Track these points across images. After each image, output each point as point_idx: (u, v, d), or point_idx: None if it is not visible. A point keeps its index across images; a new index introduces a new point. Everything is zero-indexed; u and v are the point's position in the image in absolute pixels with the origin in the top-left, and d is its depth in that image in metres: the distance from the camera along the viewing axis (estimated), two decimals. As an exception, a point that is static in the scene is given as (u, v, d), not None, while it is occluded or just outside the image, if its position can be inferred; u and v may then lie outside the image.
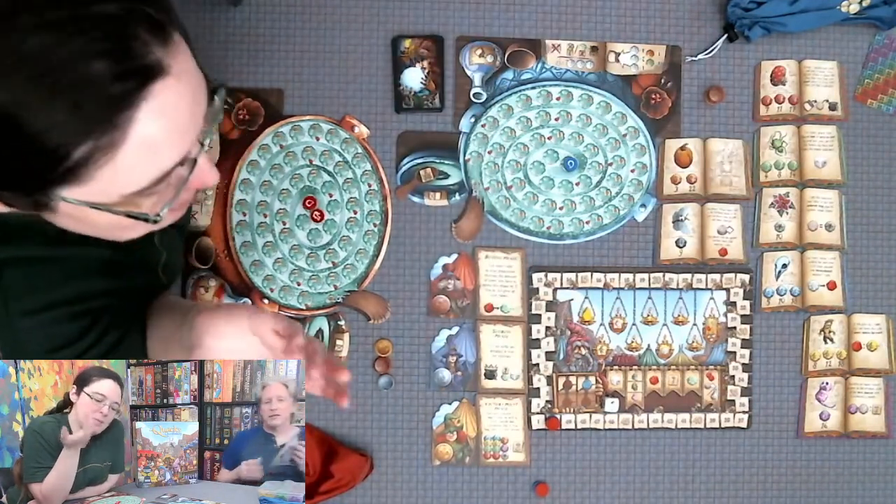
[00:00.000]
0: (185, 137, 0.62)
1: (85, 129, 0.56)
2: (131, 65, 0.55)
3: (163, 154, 0.61)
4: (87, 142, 0.56)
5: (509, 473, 1.27)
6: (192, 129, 0.62)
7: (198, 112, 0.62)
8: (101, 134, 0.56)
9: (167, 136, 0.60)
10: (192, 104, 0.61)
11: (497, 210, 1.27)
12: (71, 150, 0.56)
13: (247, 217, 1.23)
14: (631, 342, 1.28)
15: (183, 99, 0.60)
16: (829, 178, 1.31)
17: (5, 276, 0.75)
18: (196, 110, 0.62)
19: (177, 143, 0.61)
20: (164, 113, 0.58)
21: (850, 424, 1.30)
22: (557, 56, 1.28)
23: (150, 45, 0.56)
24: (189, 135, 0.62)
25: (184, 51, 0.60)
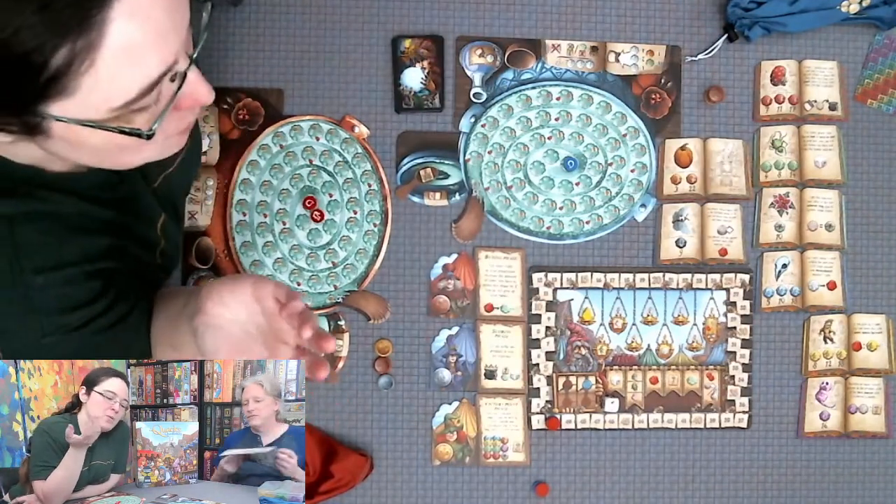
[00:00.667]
0: (167, 42, 0.60)
1: (57, 31, 0.54)
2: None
3: (145, 59, 0.60)
4: (62, 45, 0.55)
5: (509, 473, 1.27)
6: (173, 34, 0.60)
7: (179, 18, 0.61)
8: (77, 36, 0.55)
9: (146, 39, 0.58)
10: (169, 6, 0.59)
11: (497, 210, 1.27)
12: (48, 57, 0.55)
13: (247, 217, 1.23)
14: (631, 342, 1.28)
15: (158, 2, 0.58)
16: (829, 178, 1.31)
17: (16, 232, 0.74)
18: (176, 15, 0.60)
19: (159, 48, 0.60)
20: (139, 13, 0.57)
21: (850, 424, 1.30)
22: (557, 56, 1.28)
23: None
24: (171, 39, 0.60)
25: None
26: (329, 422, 1.25)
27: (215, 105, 1.22)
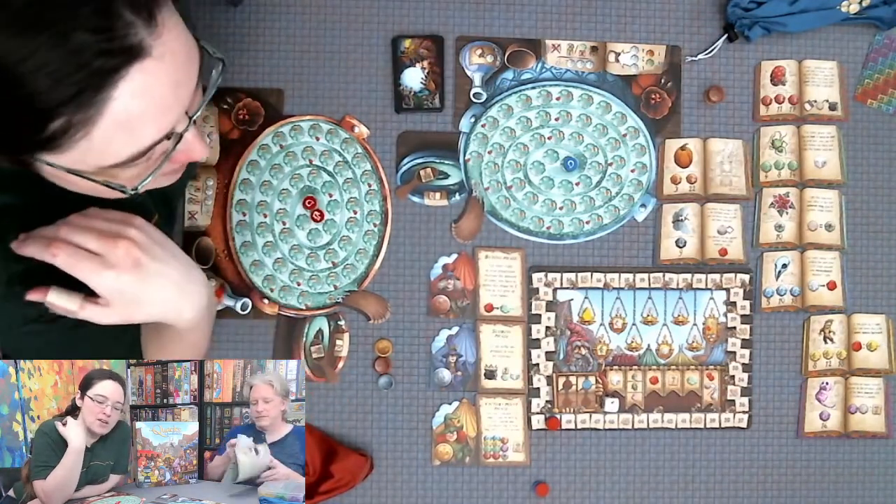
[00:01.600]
0: (166, 116, 0.62)
1: (61, 102, 0.56)
2: (112, 44, 0.56)
3: (140, 132, 0.61)
4: (63, 115, 0.57)
5: (509, 473, 1.27)
6: (175, 108, 0.62)
7: (183, 91, 0.62)
8: (77, 108, 0.57)
9: (145, 116, 0.60)
10: (174, 85, 0.61)
11: (497, 210, 1.27)
12: (48, 122, 0.57)
13: (247, 217, 1.23)
14: (631, 342, 1.28)
15: (164, 80, 0.60)
16: (829, 178, 1.31)
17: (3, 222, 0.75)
18: (181, 90, 0.62)
19: (157, 122, 0.62)
20: (143, 93, 0.59)
21: (850, 424, 1.30)
22: (557, 56, 1.28)
23: (134, 27, 0.56)
24: (171, 113, 0.62)
25: (172, 29, 0.59)
26: (329, 422, 1.25)
27: (215, 105, 1.22)
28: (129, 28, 0.56)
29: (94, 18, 0.55)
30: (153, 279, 0.77)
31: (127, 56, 0.57)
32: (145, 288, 0.76)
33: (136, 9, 0.56)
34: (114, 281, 0.73)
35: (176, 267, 0.79)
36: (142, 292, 0.76)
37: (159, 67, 0.59)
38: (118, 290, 0.74)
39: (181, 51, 0.61)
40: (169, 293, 0.79)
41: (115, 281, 0.74)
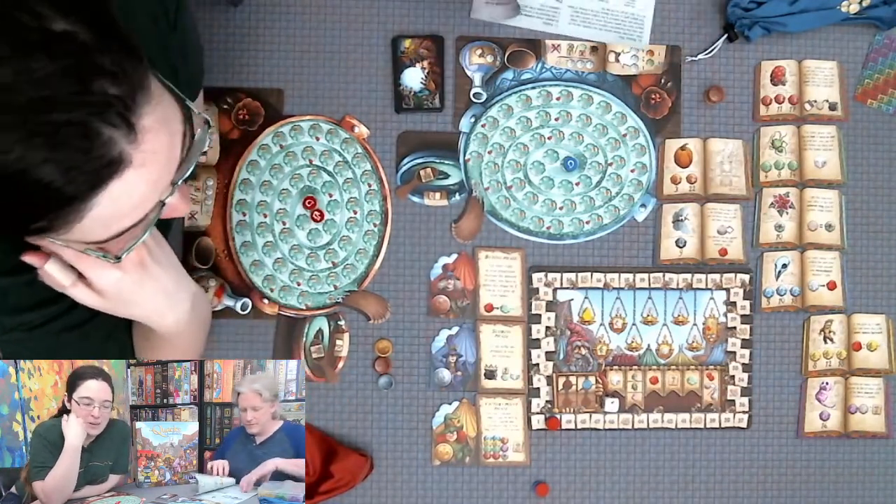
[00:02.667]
0: (147, 204, 0.62)
1: (40, 214, 0.57)
2: (87, 168, 0.54)
3: (121, 222, 0.62)
4: (43, 220, 0.58)
5: (509, 473, 1.27)
6: (155, 195, 0.62)
7: (165, 176, 0.61)
8: (56, 218, 0.57)
9: (125, 212, 0.60)
10: (157, 179, 0.60)
11: (497, 210, 1.27)
12: (29, 223, 0.58)
13: (247, 217, 1.23)
14: (631, 342, 1.28)
15: (145, 181, 0.59)
16: (829, 178, 1.31)
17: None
18: (161, 179, 0.61)
19: (138, 212, 0.62)
20: (123, 197, 0.58)
21: (850, 424, 1.30)
22: (557, 56, 1.28)
23: (113, 142, 0.55)
24: (152, 199, 0.62)
25: (152, 128, 0.58)
26: (329, 422, 1.25)
27: (215, 105, 1.22)
28: (107, 146, 0.55)
29: (63, 152, 0.53)
30: (149, 283, 0.77)
31: (104, 176, 0.56)
32: (141, 290, 0.77)
33: (115, 124, 0.55)
34: (117, 279, 0.74)
35: (170, 274, 0.80)
36: (136, 294, 0.77)
37: (139, 174, 0.58)
38: (117, 288, 0.74)
39: (163, 146, 0.60)
40: (159, 299, 0.80)
41: (117, 279, 0.74)
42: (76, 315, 0.82)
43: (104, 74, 0.54)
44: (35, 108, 0.52)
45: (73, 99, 0.53)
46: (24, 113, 0.52)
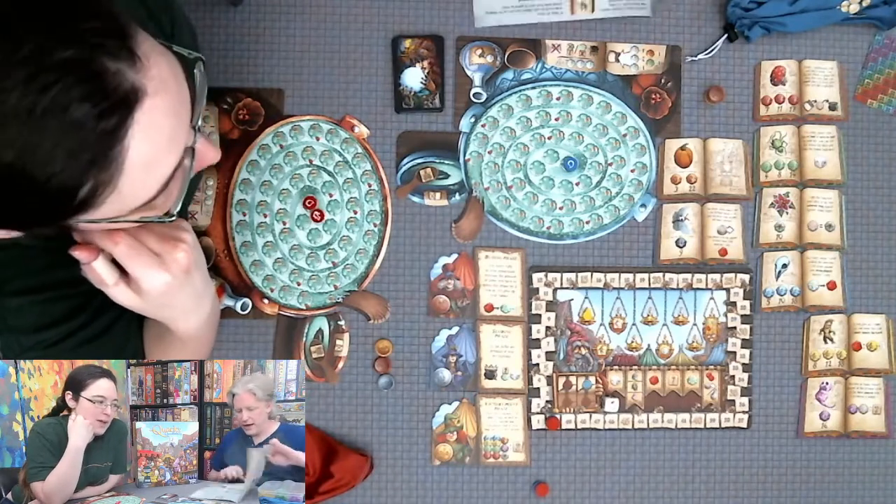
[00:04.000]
0: (177, 141, 0.62)
1: (82, 172, 0.57)
2: (110, 101, 0.55)
3: (161, 165, 0.62)
4: (87, 181, 0.57)
5: (509, 473, 1.27)
6: (182, 130, 0.62)
7: (183, 111, 0.62)
8: (99, 171, 0.57)
9: (160, 150, 0.61)
10: (176, 108, 0.61)
11: (497, 210, 1.27)
12: (76, 192, 0.58)
13: (247, 217, 1.23)
14: (631, 342, 1.28)
15: (166, 111, 0.60)
16: (829, 178, 1.31)
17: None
18: (182, 110, 0.62)
19: (172, 150, 0.62)
20: (151, 132, 0.59)
21: (850, 424, 1.30)
22: (557, 56, 1.28)
23: (122, 73, 0.56)
24: (181, 136, 0.62)
25: (153, 57, 0.59)
26: (329, 422, 1.25)
27: (215, 105, 1.22)
28: (118, 78, 0.56)
29: (81, 86, 0.54)
30: (189, 288, 0.77)
31: (126, 106, 0.57)
32: (180, 294, 0.77)
33: (116, 55, 0.56)
34: (163, 283, 0.74)
35: (201, 278, 0.80)
36: (175, 297, 0.77)
37: (158, 101, 0.59)
38: (162, 291, 0.75)
39: (170, 75, 0.60)
40: (190, 302, 0.80)
41: (164, 283, 0.74)
42: (91, 330, 0.82)
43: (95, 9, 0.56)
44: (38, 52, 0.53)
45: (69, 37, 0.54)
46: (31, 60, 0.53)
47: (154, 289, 0.74)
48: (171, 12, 0.86)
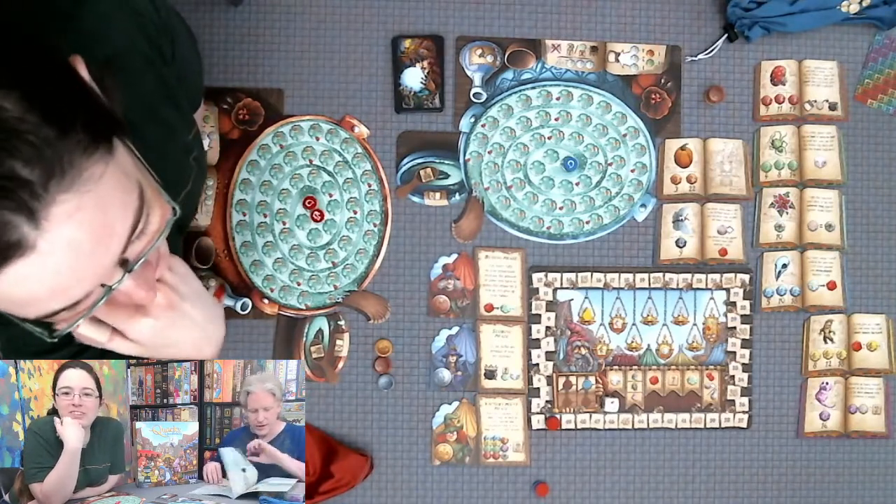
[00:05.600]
0: (74, 289, 0.58)
1: None
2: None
3: (47, 304, 0.58)
4: None
5: (509, 473, 1.27)
6: (89, 278, 0.59)
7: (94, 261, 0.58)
8: None
9: (45, 296, 0.57)
10: (72, 269, 0.57)
11: (497, 210, 1.27)
12: None
13: (247, 217, 1.23)
14: (631, 342, 1.28)
15: (55, 269, 0.56)
16: (829, 178, 1.31)
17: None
18: (92, 264, 0.58)
19: (63, 294, 0.58)
20: (31, 281, 0.56)
21: (850, 424, 1.30)
22: (557, 56, 1.28)
23: (12, 225, 0.53)
24: (84, 283, 0.59)
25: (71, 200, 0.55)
26: (329, 422, 1.25)
27: (215, 105, 1.22)
28: (7, 228, 0.52)
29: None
30: (182, 322, 0.76)
31: (1, 255, 0.53)
32: (175, 330, 0.75)
33: (16, 209, 0.52)
34: (150, 327, 0.73)
35: (200, 306, 0.79)
36: (172, 336, 0.75)
37: (46, 261, 0.55)
38: (151, 335, 0.73)
39: (84, 237, 0.56)
40: (195, 335, 0.79)
41: (150, 327, 0.73)
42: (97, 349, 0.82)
43: (17, 156, 0.52)
44: None
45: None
46: None
47: (143, 336, 0.73)
48: (170, 33, 0.85)
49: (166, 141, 0.68)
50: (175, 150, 0.86)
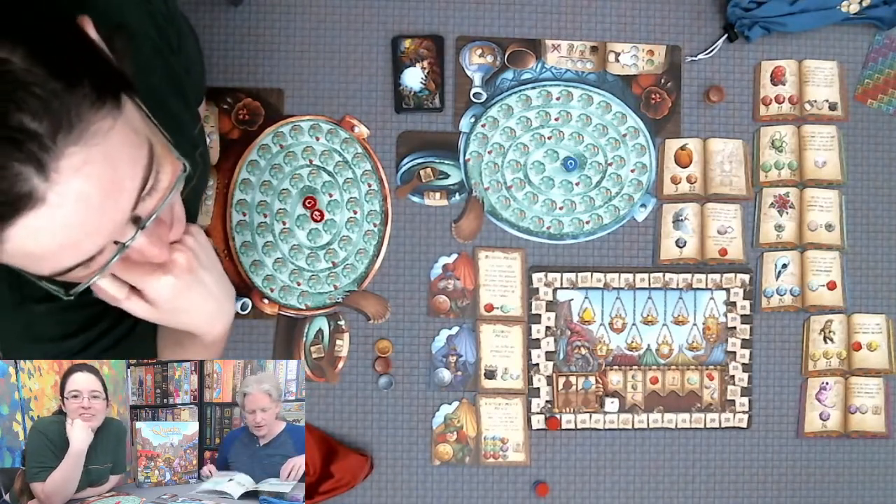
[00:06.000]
0: (86, 243, 0.59)
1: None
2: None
3: (60, 260, 0.58)
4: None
5: (509, 473, 1.27)
6: (100, 233, 0.59)
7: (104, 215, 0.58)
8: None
9: (49, 251, 0.57)
10: (81, 223, 0.57)
11: (497, 210, 1.27)
12: None
13: (247, 217, 1.23)
14: (631, 342, 1.28)
15: (67, 222, 0.56)
16: (829, 178, 1.31)
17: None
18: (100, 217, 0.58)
19: (75, 249, 0.58)
20: (42, 234, 0.56)
21: (850, 424, 1.30)
22: (557, 56, 1.28)
23: (22, 177, 0.53)
24: (95, 238, 0.59)
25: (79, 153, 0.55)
26: (329, 422, 1.25)
27: (215, 105, 1.22)
28: (18, 180, 0.53)
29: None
30: (199, 288, 0.76)
31: (13, 207, 0.53)
32: (192, 296, 0.75)
33: (26, 160, 0.53)
34: (170, 287, 0.73)
35: (217, 279, 0.79)
36: (187, 300, 0.75)
37: (56, 214, 0.55)
38: (170, 295, 0.73)
39: (93, 190, 0.56)
40: (210, 306, 0.79)
41: (170, 287, 0.73)
42: (113, 336, 0.82)
43: (24, 109, 0.52)
44: None
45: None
46: None
47: (161, 295, 0.73)
48: (176, 24, 0.85)
49: (174, 134, 0.68)
50: (182, 144, 0.86)
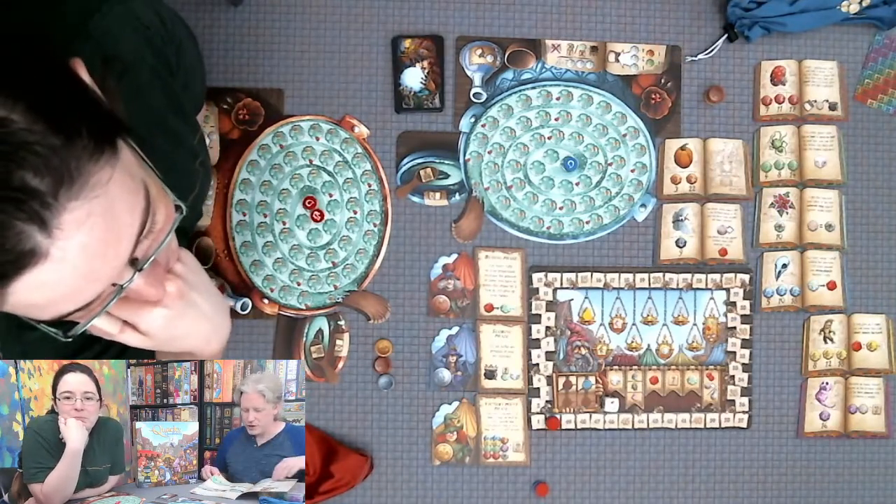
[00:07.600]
0: (85, 291, 0.59)
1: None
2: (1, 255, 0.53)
3: (61, 307, 0.59)
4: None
5: (509, 473, 1.27)
6: (96, 282, 0.59)
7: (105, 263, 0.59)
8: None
9: (59, 299, 0.58)
10: (84, 273, 0.57)
11: (497, 210, 1.27)
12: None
13: (247, 217, 1.23)
14: (631, 342, 1.28)
15: (69, 274, 0.56)
16: (829, 178, 1.31)
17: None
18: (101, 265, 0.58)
19: (76, 297, 0.59)
20: (46, 287, 0.56)
21: (850, 424, 1.30)
22: (557, 56, 1.28)
23: (26, 234, 0.53)
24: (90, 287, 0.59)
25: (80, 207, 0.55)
26: (329, 422, 1.25)
27: (215, 105, 1.22)
28: (20, 237, 0.53)
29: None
30: (191, 312, 0.76)
31: (15, 265, 0.54)
32: (186, 322, 0.75)
33: (28, 219, 0.53)
34: (162, 317, 0.73)
35: (208, 299, 0.79)
36: (182, 326, 0.75)
37: (58, 267, 0.55)
38: (163, 325, 0.73)
39: (94, 241, 0.57)
40: (203, 326, 0.79)
41: (163, 317, 0.73)
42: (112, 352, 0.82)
43: (26, 167, 0.52)
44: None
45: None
46: None
47: (154, 326, 0.73)
48: (175, 42, 0.84)
49: (174, 150, 0.68)
50: (183, 158, 0.86)
